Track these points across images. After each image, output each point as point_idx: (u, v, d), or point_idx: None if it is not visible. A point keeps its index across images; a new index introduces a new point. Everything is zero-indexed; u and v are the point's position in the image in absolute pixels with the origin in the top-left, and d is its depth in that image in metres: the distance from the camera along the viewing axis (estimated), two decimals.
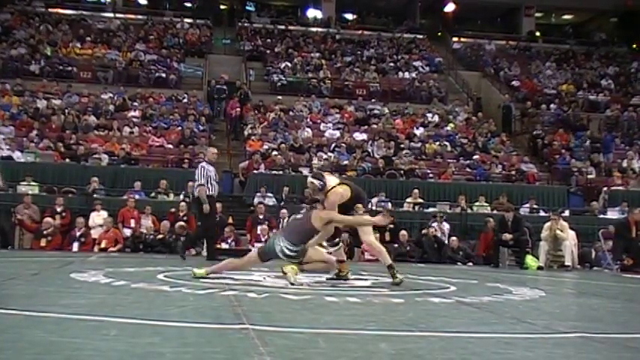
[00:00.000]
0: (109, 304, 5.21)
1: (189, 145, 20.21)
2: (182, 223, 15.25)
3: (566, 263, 14.19)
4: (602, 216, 18.03)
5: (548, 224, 14.78)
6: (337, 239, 7.92)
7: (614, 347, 4.03)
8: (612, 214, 17.88)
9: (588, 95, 27.65)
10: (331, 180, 7.68)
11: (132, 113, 22.06)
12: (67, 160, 18.54)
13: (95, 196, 16.50)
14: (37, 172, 17.33)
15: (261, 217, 15.94)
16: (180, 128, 21.16)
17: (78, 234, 14.96)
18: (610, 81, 29.19)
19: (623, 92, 28.53)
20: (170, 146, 20.28)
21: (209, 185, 12.13)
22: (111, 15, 31.21)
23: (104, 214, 15.52)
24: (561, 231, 14.54)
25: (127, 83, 24.61)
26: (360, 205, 7.75)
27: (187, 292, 6.23)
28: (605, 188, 19.57)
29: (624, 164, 21.56)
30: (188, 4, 36.13)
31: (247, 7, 35.17)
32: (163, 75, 25.69)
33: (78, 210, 15.86)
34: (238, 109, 23.05)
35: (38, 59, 25.27)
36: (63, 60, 25.62)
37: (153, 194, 17.29)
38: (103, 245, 14.78)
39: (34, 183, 16.93)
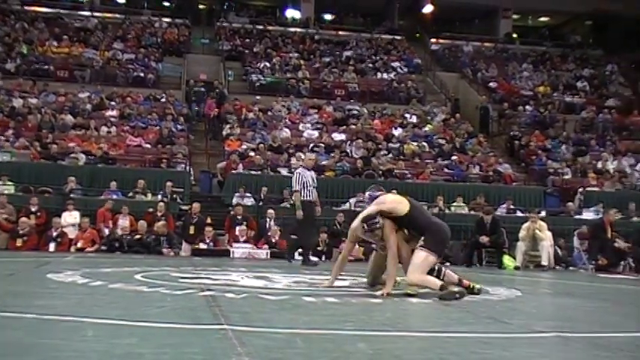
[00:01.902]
0: (86, 305, 5.19)
1: (167, 144, 20.11)
2: (163, 222, 15.19)
3: (543, 263, 14.32)
4: (577, 216, 18.20)
5: (526, 225, 14.90)
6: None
7: (590, 346, 4.08)
8: (587, 215, 18.06)
9: (564, 97, 27.91)
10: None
11: (109, 112, 21.89)
12: (44, 159, 18.37)
13: (72, 195, 16.37)
14: (13, 172, 17.13)
15: (239, 217, 15.91)
16: (158, 128, 21.04)
17: (54, 234, 14.83)
18: (585, 83, 29.47)
19: (598, 94, 28.82)
20: (148, 146, 20.16)
21: (305, 191, 12.14)
22: (88, 13, 30.93)
23: (76, 213, 15.40)
24: (540, 231, 14.68)
25: (105, 82, 24.42)
26: (422, 240, 6.73)
27: (165, 292, 6.21)
28: (580, 189, 19.77)
29: (599, 165, 21.80)
30: (166, 4, 35.94)
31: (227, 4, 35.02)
32: (141, 74, 25.53)
33: (54, 210, 15.71)
34: (216, 110, 22.98)
35: (14, 57, 24.99)
36: (39, 58, 25.37)
37: (130, 194, 17.20)
38: (79, 245, 14.67)
39: (9, 183, 16.76)
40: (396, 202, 6.79)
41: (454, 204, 18.22)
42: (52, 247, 14.66)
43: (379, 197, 6.97)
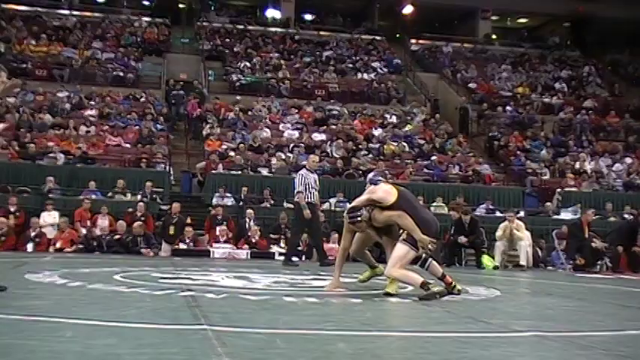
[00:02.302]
0: (65, 305, 5.15)
1: (147, 144, 20.01)
2: (140, 222, 15.11)
3: (521, 263, 14.42)
4: (555, 217, 18.35)
5: (503, 224, 15.00)
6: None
7: (567, 345, 4.11)
8: (565, 215, 18.22)
9: (543, 98, 28.13)
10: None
11: (89, 112, 21.74)
12: (22, 159, 18.20)
13: (51, 195, 16.24)
14: None
15: (219, 217, 15.87)
16: (137, 127, 20.92)
17: (33, 234, 14.71)
18: (563, 84, 29.72)
19: (576, 95, 29.08)
20: (128, 145, 20.05)
21: (307, 193, 12.16)
22: (67, 12, 30.67)
23: (55, 213, 15.30)
24: (518, 231, 14.79)
25: (84, 82, 24.23)
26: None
27: (145, 292, 6.18)
28: (558, 189, 19.94)
29: (577, 166, 21.99)
30: (146, 3, 35.73)
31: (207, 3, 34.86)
32: (121, 74, 25.37)
33: (33, 210, 15.59)
34: (199, 110, 22.90)
35: None
36: (17, 57, 25.13)
37: (110, 194, 17.09)
38: (58, 245, 14.56)
39: None
40: (387, 193, 6.68)
41: (434, 204, 18.29)
42: (30, 247, 14.54)
43: (374, 186, 6.89)
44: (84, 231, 15.13)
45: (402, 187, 7.06)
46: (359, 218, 6.61)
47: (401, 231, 6.57)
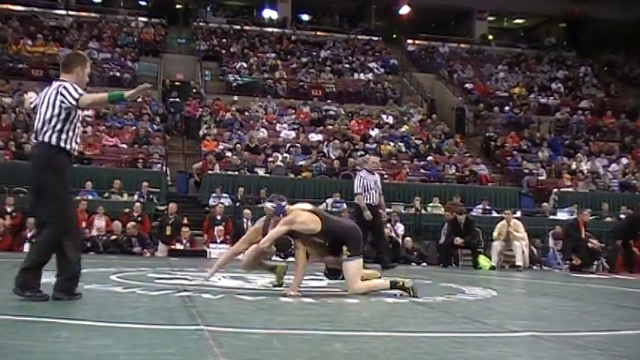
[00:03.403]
0: (60, 306, 5.14)
1: (143, 144, 19.99)
2: (133, 223, 15.10)
3: (517, 263, 14.43)
4: (552, 217, 18.37)
5: (500, 224, 15.02)
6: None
7: (563, 345, 4.12)
8: (562, 215, 18.24)
9: (539, 98, 28.17)
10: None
11: (85, 112, 21.65)
12: (18, 159, 18.16)
13: None
14: None
15: (218, 217, 15.86)
16: (134, 128, 20.91)
17: (29, 235, 14.68)
18: (560, 85, 29.76)
19: (572, 96, 29.12)
20: (124, 146, 20.03)
21: (366, 194, 12.07)
22: (63, 12, 30.64)
23: None
24: (516, 231, 14.80)
25: None
26: (344, 249, 6.62)
27: (141, 293, 6.18)
28: (555, 190, 19.96)
29: (573, 166, 22.02)
30: (143, 3, 35.65)
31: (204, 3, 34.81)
32: (117, 74, 25.34)
33: (29, 210, 15.53)
34: (200, 110, 22.87)
35: None
36: (13, 57, 25.10)
37: (106, 194, 17.08)
38: None
39: None
40: (307, 223, 6.47)
41: (430, 204, 18.31)
42: (26, 247, 14.49)
43: (288, 215, 6.55)
44: None
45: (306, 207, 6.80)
46: (291, 250, 6.55)
47: (344, 249, 6.58)
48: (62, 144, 5.37)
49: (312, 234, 6.50)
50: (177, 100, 24.10)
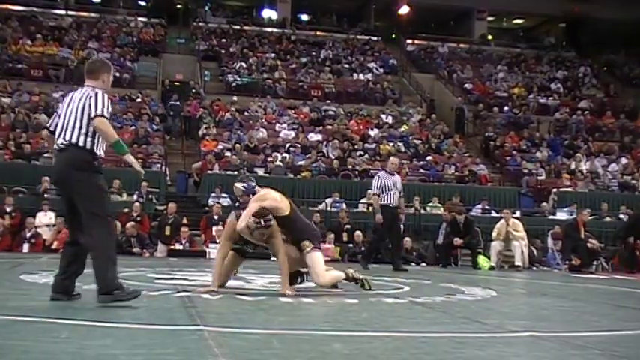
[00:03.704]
0: (60, 306, 5.13)
1: (142, 144, 19.98)
2: (132, 222, 15.10)
3: (516, 263, 14.43)
4: (551, 217, 18.38)
5: (499, 224, 15.03)
6: None
7: (563, 345, 4.12)
8: (561, 215, 18.24)
9: (538, 98, 28.18)
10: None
11: None
12: (18, 159, 18.18)
13: (46, 196, 16.21)
14: None
15: (216, 217, 15.86)
16: (133, 128, 20.90)
17: (28, 235, 14.70)
18: (559, 85, 29.77)
19: (572, 96, 29.13)
20: None
21: (384, 195, 11.93)
22: (63, 12, 30.64)
23: (51, 214, 15.28)
24: (516, 231, 14.81)
25: (80, 82, 23.95)
26: (306, 242, 6.61)
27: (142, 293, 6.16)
28: (554, 190, 19.97)
29: (572, 166, 22.03)
30: (142, 3, 35.65)
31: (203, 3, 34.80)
32: (117, 74, 25.27)
33: (28, 210, 15.56)
34: (201, 110, 22.85)
35: None
36: (13, 57, 25.09)
37: None
38: (54, 246, 14.54)
39: None
40: (278, 201, 6.53)
41: (430, 204, 18.32)
42: (25, 247, 14.52)
43: (258, 193, 6.66)
44: None
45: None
46: (271, 222, 6.37)
47: (305, 243, 6.59)
48: (90, 146, 5.32)
49: (277, 215, 6.43)
50: (177, 103, 23.98)
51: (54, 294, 5.34)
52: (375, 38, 33.38)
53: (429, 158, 21.34)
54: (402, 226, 13.03)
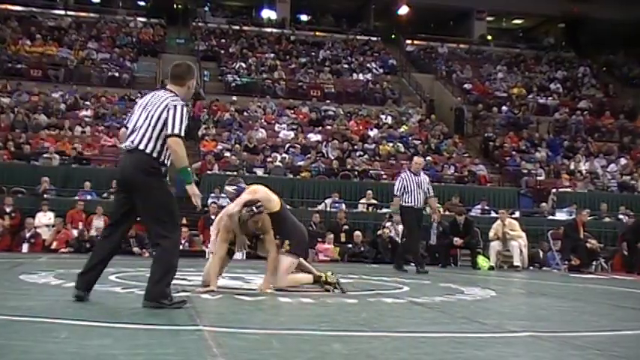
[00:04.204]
0: (59, 306, 5.13)
1: None
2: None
3: (515, 263, 14.43)
4: (551, 217, 18.37)
5: (495, 224, 15.05)
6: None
7: (562, 345, 4.12)
8: (561, 216, 18.24)
9: (538, 99, 28.19)
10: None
11: (84, 112, 21.71)
12: (17, 159, 18.17)
13: (46, 196, 16.21)
14: None
15: (213, 217, 15.81)
16: None
17: (27, 235, 14.69)
18: (558, 85, 29.78)
19: (571, 96, 29.14)
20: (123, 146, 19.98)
21: (408, 196, 11.62)
22: (62, 12, 30.65)
23: (50, 214, 15.28)
24: (512, 230, 14.81)
25: (79, 82, 24.20)
26: (287, 243, 6.76)
27: (140, 293, 6.14)
28: (553, 190, 19.97)
29: (572, 166, 22.03)
30: (142, 3, 35.69)
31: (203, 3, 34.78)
32: (116, 74, 25.36)
33: (28, 210, 15.55)
34: (204, 110, 22.85)
35: None
36: (12, 57, 25.09)
37: (105, 195, 17.05)
38: (54, 246, 14.55)
39: None
40: (269, 196, 6.70)
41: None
42: (25, 247, 14.51)
43: (249, 188, 6.80)
44: (75, 233, 15.08)
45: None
46: (262, 208, 6.46)
47: (286, 242, 6.69)
48: (156, 155, 5.17)
49: (267, 212, 6.55)
50: None
51: (79, 292, 5.22)
52: (374, 38, 33.39)
53: (428, 158, 21.25)
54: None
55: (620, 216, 18.35)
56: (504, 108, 26.70)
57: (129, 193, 5.20)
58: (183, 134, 5.13)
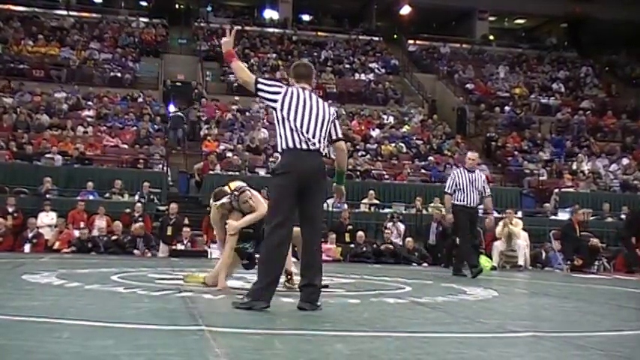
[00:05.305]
0: (62, 306, 5.14)
1: (144, 145, 20.00)
2: (141, 223, 15.12)
3: (519, 263, 14.42)
4: (553, 217, 18.36)
5: (502, 221, 15.04)
6: None
7: (565, 346, 4.12)
8: (563, 216, 18.21)
9: (540, 99, 28.17)
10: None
11: (86, 112, 21.73)
12: (19, 159, 18.18)
13: (48, 196, 16.22)
14: None
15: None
16: (135, 128, 20.92)
17: (30, 235, 14.70)
18: (561, 85, 29.76)
19: (573, 96, 29.12)
20: (125, 146, 20.04)
21: (459, 194, 11.02)
22: (64, 13, 30.68)
23: (53, 214, 15.30)
24: (515, 227, 14.80)
25: (81, 82, 24.23)
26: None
27: (142, 293, 6.17)
28: (556, 190, 19.95)
29: (574, 166, 22.01)
30: (144, 3, 35.70)
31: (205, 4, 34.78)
32: (118, 74, 25.37)
33: (30, 211, 15.57)
34: (219, 112, 22.83)
35: None
36: (14, 58, 25.12)
37: (107, 195, 17.08)
38: (56, 246, 14.57)
39: None
40: (257, 195, 7.09)
41: (431, 205, 18.29)
42: (27, 248, 14.53)
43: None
44: (77, 233, 15.09)
45: None
46: (246, 190, 6.89)
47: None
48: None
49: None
50: (179, 114, 23.30)
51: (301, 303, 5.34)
52: (376, 38, 33.38)
53: (430, 158, 21.32)
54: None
55: (623, 216, 18.31)
56: (507, 108, 26.68)
57: (308, 188, 5.36)
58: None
